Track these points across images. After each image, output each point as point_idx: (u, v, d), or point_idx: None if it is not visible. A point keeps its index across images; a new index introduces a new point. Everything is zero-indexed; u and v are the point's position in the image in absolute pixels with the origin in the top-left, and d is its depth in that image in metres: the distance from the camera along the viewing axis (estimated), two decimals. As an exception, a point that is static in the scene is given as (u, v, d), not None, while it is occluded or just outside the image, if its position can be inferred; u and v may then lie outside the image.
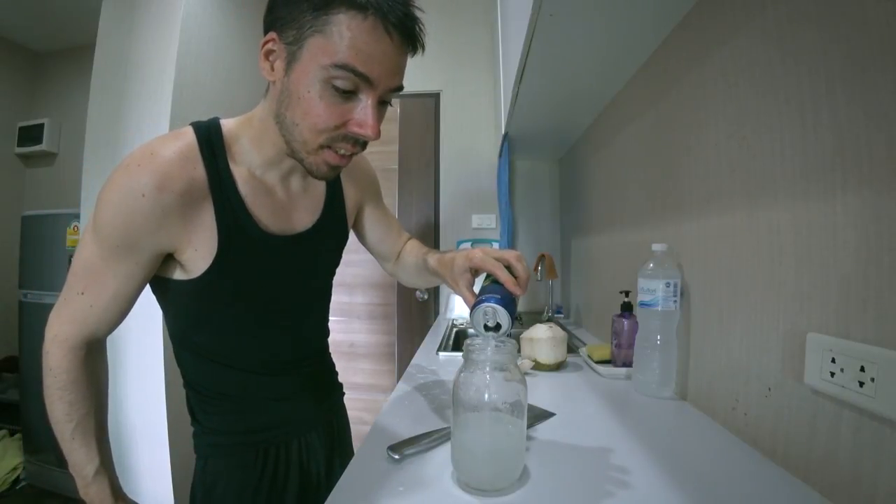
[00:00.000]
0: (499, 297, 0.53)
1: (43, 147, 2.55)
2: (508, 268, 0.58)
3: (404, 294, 2.17)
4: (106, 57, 1.70)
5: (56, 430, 0.57)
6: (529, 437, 0.57)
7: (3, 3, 2.22)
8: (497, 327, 0.53)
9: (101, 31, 1.71)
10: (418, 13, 0.52)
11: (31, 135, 2.58)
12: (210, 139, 0.56)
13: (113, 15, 1.70)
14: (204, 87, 1.75)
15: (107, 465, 0.61)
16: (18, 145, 2.61)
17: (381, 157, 2.15)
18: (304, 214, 0.66)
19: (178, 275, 0.57)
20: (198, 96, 1.72)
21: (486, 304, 0.53)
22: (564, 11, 0.79)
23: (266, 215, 0.60)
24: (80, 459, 0.58)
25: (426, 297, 2.15)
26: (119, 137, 1.66)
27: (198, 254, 0.55)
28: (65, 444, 0.58)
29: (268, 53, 0.52)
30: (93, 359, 0.59)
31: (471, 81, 2.16)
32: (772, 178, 0.56)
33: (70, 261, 2.07)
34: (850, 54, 0.44)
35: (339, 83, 0.49)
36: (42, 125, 2.56)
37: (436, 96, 2.19)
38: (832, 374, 0.44)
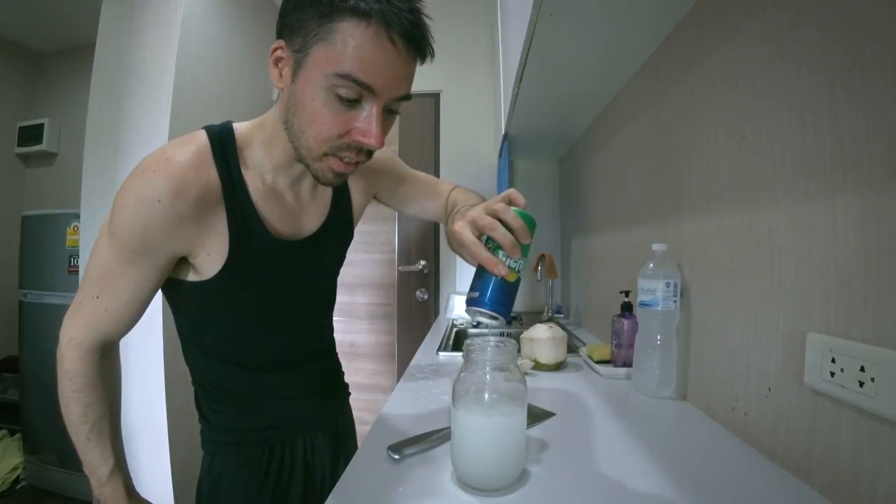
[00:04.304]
0: (484, 297, 0.52)
1: (43, 147, 2.55)
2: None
3: (405, 294, 2.17)
4: (106, 57, 1.70)
5: (71, 431, 0.58)
6: (529, 437, 0.57)
7: (3, 3, 2.22)
8: (494, 319, 0.53)
9: (101, 31, 1.71)
10: (426, 20, 0.51)
11: (31, 135, 2.58)
12: (223, 144, 0.56)
13: (113, 15, 1.70)
14: (204, 87, 1.75)
15: (121, 465, 0.62)
16: (18, 145, 2.61)
17: (381, 157, 2.15)
18: (311, 218, 0.67)
19: (191, 277, 0.58)
20: (198, 96, 1.72)
21: (472, 307, 0.52)
22: (564, 11, 0.79)
23: (275, 220, 0.61)
24: (95, 460, 0.59)
25: (426, 297, 2.15)
26: (119, 137, 1.66)
27: (210, 257, 0.56)
28: (80, 445, 0.58)
29: (277, 60, 0.52)
30: (107, 361, 0.59)
31: (471, 81, 2.16)
32: (772, 178, 0.56)
33: (70, 261, 2.06)
34: (850, 54, 0.44)
35: (343, 92, 0.49)
36: (42, 125, 2.56)
37: (436, 96, 2.19)
38: (832, 374, 0.44)
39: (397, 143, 2.18)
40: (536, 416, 0.69)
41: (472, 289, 0.53)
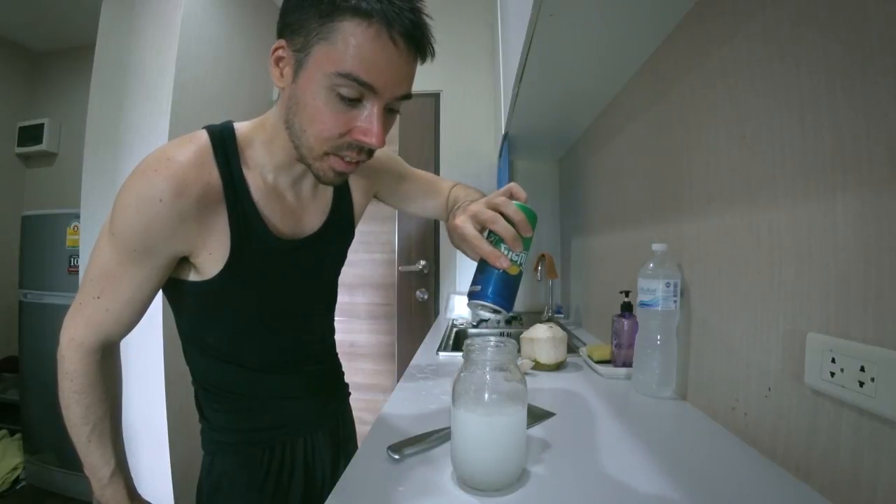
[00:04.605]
0: (486, 290, 0.52)
1: (43, 147, 2.55)
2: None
3: (405, 294, 2.17)
4: (106, 57, 1.70)
5: (72, 433, 0.58)
6: (529, 437, 0.57)
7: (3, 3, 2.22)
8: (497, 312, 0.53)
9: (101, 31, 1.71)
10: (427, 20, 0.51)
11: (31, 135, 2.58)
12: (224, 143, 0.56)
13: (113, 15, 1.70)
14: (204, 87, 1.76)
15: (122, 466, 0.62)
16: (18, 145, 2.61)
17: (381, 157, 2.16)
18: (312, 217, 0.67)
19: (192, 276, 0.58)
20: (198, 96, 1.72)
21: (474, 300, 0.52)
22: (564, 11, 0.79)
23: (277, 219, 0.61)
24: (96, 462, 0.59)
25: (426, 297, 2.15)
26: (119, 137, 1.66)
27: (211, 257, 0.56)
28: (81, 446, 0.58)
29: (277, 60, 0.52)
30: (108, 362, 0.59)
31: (471, 81, 2.16)
32: (772, 178, 0.56)
33: (70, 261, 2.06)
34: (850, 54, 0.44)
35: (344, 91, 0.49)
36: (42, 125, 2.56)
37: (436, 96, 2.19)
38: (832, 374, 0.44)
39: (397, 143, 2.18)
40: (536, 416, 0.69)
41: (474, 283, 0.53)
